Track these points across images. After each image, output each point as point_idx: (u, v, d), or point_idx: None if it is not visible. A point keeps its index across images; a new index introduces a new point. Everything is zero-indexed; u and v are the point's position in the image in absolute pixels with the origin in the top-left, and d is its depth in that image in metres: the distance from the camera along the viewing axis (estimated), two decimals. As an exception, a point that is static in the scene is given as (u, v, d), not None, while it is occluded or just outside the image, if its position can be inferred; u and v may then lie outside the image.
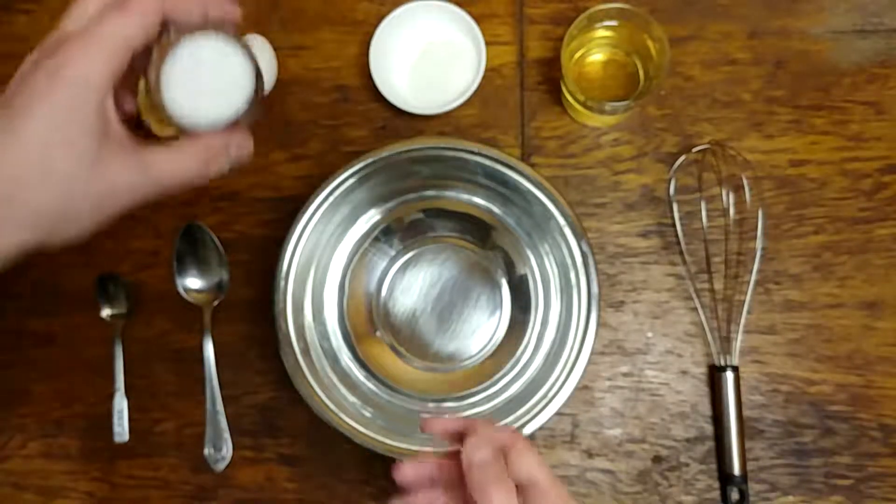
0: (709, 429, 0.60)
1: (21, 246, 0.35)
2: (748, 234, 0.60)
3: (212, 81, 0.38)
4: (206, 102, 0.38)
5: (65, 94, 0.33)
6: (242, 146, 0.40)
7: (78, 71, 0.33)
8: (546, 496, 0.38)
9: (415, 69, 0.63)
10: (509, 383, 0.58)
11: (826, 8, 0.63)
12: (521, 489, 0.37)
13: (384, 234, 0.61)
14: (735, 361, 0.59)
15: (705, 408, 0.60)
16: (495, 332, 0.60)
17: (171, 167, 0.37)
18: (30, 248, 0.35)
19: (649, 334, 0.61)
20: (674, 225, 0.61)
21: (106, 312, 0.63)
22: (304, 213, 0.56)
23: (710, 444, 0.59)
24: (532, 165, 0.59)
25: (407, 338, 0.61)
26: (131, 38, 0.35)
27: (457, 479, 0.40)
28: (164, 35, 0.37)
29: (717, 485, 0.59)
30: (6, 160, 0.33)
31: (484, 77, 0.60)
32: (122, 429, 0.61)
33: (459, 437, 0.41)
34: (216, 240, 0.62)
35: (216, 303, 0.62)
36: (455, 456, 0.40)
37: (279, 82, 0.64)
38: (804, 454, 0.59)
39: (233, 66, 0.38)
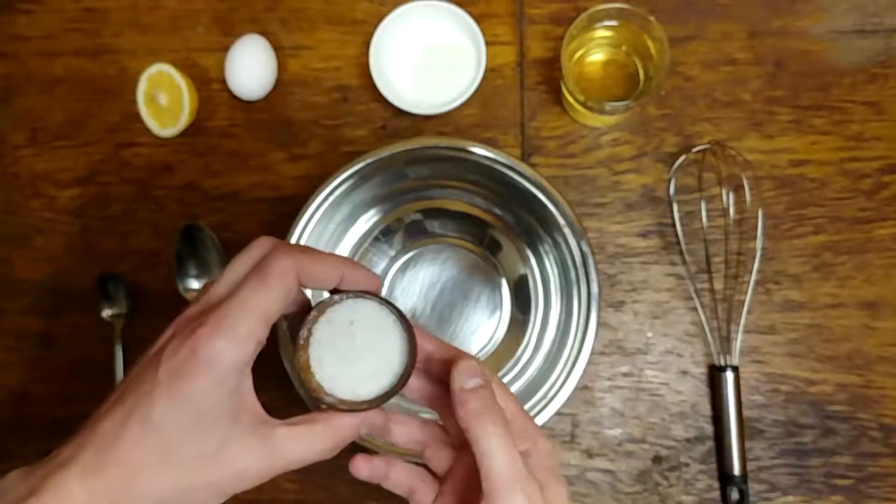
0: (709, 429, 0.60)
1: None
2: (748, 234, 0.60)
3: (364, 352, 0.36)
4: (353, 374, 0.36)
5: (203, 380, 0.32)
6: (374, 426, 0.38)
7: (216, 354, 0.32)
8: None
9: (415, 69, 0.63)
10: (509, 383, 0.58)
11: (826, 8, 0.63)
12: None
13: (384, 234, 0.61)
14: (735, 361, 0.59)
15: (705, 408, 0.60)
16: (495, 331, 0.60)
17: (298, 450, 0.35)
18: None
19: (649, 334, 0.61)
20: (674, 225, 0.61)
21: (106, 312, 0.63)
22: (304, 213, 0.56)
23: (710, 444, 0.59)
24: (532, 165, 0.59)
25: (407, 338, 0.61)
26: (270, 312, 0.34)
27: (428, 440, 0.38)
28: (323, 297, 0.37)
29: (717, 485, 0.59)
30: (136, 448, 0.32)
31: (484, 77, 0.60)
32: (122, 429, 0.61)
33: (432, 364, 0.38)
34: (216, 240, 0.62)
35: (216, 303, 0.62)
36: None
37: (279, 82, 0.64)
38: (804, 454, 0.59)
39: (389, 340, 0.36)
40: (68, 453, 0.33)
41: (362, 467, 0.38)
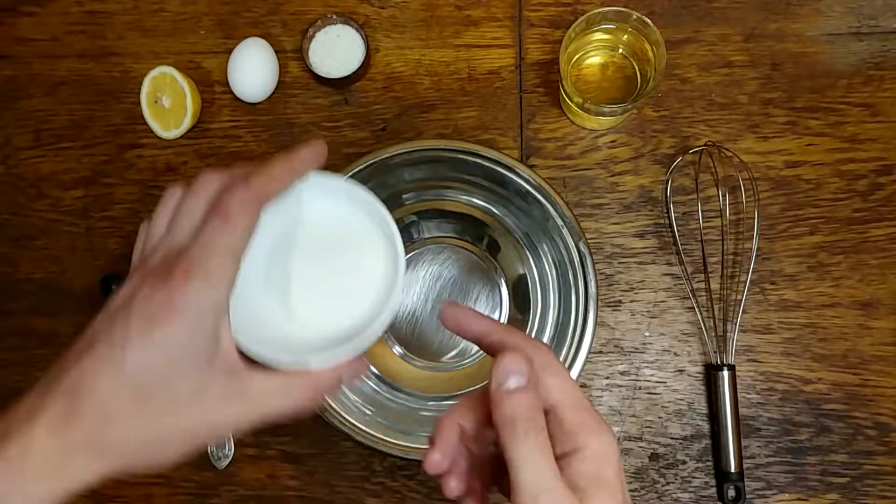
0: (705, 427, 0.60)
1: (102, 475, 0.33)
2: (744, 234, 0.61)
3: (340, 48, 0.35)
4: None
5: (179, 325, 0.31)
6: (355, 372, 0.36)
7: (192, 298, 0.31)
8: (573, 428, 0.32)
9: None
10: (508, 382, 0.59)
11: (822, 10, 0.63)
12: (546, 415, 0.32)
13: (385, 234, 0.62)
14: (731, 360, 0.59)
15: (702, 406, 0.60)
16: (494, 331, 0.61)
17: (275, 401, 0.34)
18: (110, 475, 0.33)
19: (646, 333, 0.61)
20: (671, 225, 0.61)
21: (110, 312, 0.63)
22: (305, 213, 0.57)
23: (707, 442, 0.60)
24: (530, 167, 0.60)
25: (407, 337, 0.61)
26: (239, 249, 0.33)
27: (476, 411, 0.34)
28: None
29: (713, 482, 0.60)
30: (105, 393, 0.31)
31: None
32: (125, 428, 0.61)
33: (480, 340, 0.35)
34: (219, 240, 0.63)
35: (219, 302, 0.62)
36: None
37: (281, 84, 0.65)
38: (800, 452, 0.60)
39: (352, 41, 0.36)
40: (32, 403, 0.32)
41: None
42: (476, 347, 0.60)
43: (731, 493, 0.58)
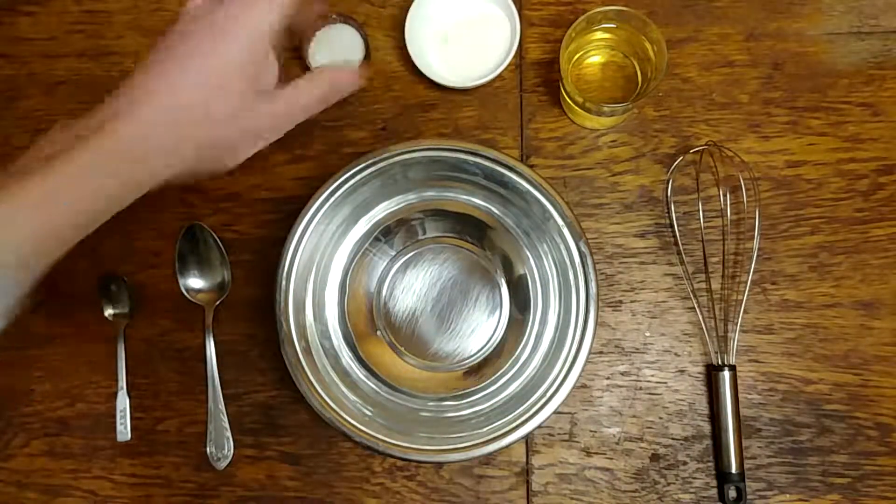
0: (706, 427, 0.60)
1: (178, 173, 0.41)
2: (745, 234, 0.61)
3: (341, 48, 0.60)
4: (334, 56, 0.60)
5: (234, 46, 0.40)
6: (351, 82, 0.48)
7: (253, 17, 0.40)
8: None
9: (449, 43, 0.63)
10: (508, 382, 0.59)
11: (823, 10, 0.63)
12: None
13: (384, 234, 0.62)
14: (732, 361, 0.59)
15: (703, 406, 0.60)
16: (494, 331, 0.61)
17: (301, 99, 0.44)
18: (183, 176, 0.42)
19: (647, 334, 0.61)
20: (671, 225, 0.61)
21: (109, 312, 0.63)
22: (305, 213, 0.57)
23: (708, 442, 0.60)
24: (531, 166, 0.59)
25: (407, 337, 0.61)
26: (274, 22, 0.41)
27: None
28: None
29: (714, 483, 0.59)
30: (175, 102, 0.39)
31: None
32: (124, 427, 0.62)
33: None
34: (218, 240, 0.63)
35: (218, 302, 0.63)
36: None
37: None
38: (801, 453, 0.59)
39: (352, 41, 0.61)
40: (131, 85, 0.41)
41: None
42: (475, 348, 0.61)
43: (732, 493, 0.58)
